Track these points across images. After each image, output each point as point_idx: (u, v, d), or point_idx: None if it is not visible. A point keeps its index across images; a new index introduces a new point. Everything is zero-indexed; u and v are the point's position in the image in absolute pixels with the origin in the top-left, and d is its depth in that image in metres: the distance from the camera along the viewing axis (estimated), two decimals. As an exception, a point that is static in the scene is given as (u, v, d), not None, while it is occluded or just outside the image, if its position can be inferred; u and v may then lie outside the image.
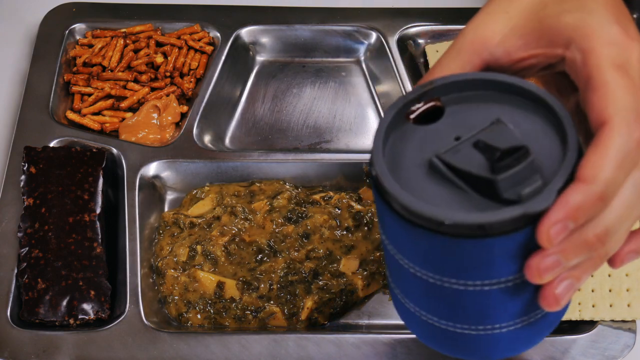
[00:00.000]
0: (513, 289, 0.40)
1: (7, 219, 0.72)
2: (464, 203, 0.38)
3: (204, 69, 0.84)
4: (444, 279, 0.40)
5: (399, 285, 0.45)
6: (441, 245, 0.38)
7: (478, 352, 0.45)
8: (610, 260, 0.42)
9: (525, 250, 0.38)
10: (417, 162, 0.40)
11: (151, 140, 0.79)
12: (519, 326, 0.43)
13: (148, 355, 0.66)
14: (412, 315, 0.45)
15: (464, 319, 0.43)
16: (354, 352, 0.66)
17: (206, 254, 0.72)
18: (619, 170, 0.37)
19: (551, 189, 0.37)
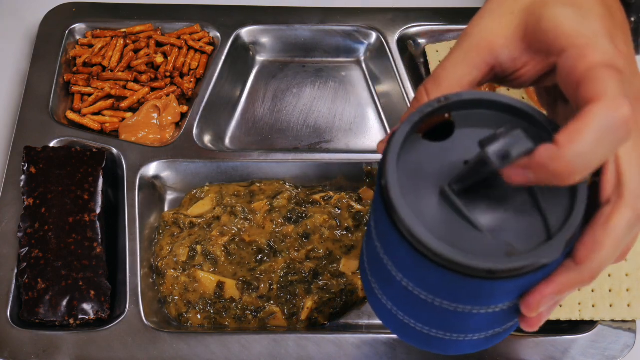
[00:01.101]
0: (496, 313, 0.41)
1: (7, 219, 0.72)
2: (474, 240, 0.38)
3: (204, 69, 0.84)
4: (436, 299, 0.41)
5: (380, 284, 0.45)
6: (442, 277, 0.38)
7: (443, 350, 0.47)
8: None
9: (524, 289, 0.39)
10: (427, 184, 0.40)
11: (151, 140, 0.79)
12: (488, 335, 0.45)
13: (148, 355, 0.66)
14: (387, 310, 0.46)
15: (441, 327, 0.44)
16: (354, 352, 0.66)
17: (206, 254, 0.72)
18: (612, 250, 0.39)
19: (559, 241, 0.38)
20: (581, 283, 0.40)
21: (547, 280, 0.39)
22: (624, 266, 0.68)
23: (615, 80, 0.37)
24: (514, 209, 0.39)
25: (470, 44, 0.43)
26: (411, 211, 0.38)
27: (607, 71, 0.38)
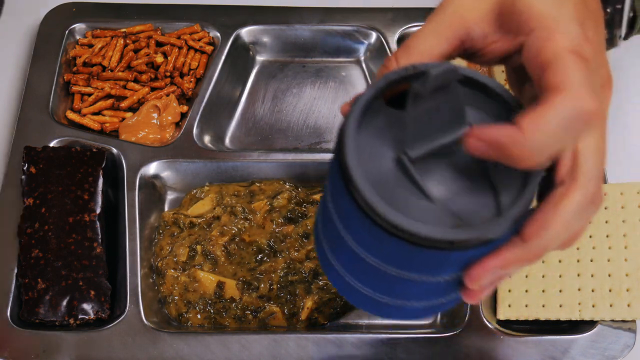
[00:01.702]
0: (440, 283, 0.42)
1: (7, 219, 0.72)
2: (424, 210, 0.39)
3: (204, 69, 0.84)
4: (382, 265, 0.41)
5: (331, 246, 0.46)
6: (389, 242, 0.39)
7: (387, 314, 0.48)
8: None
9: (468, 261, 0.40)
10: (385, 150, 0.40)
11: (151, 140, 0.79)
12: (432, 304, 0.46)
13: (148, 355, 0.66)
14: (335, 271, 0.46)
15: (385, 292, 0.45)
16: (354, 352, 0.66)
17: (206, 254, 0.72)
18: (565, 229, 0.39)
19: (507, 219, 0.38)
20: (526, 260, 0.40)
21: (492, 254, 0.39)
22: (624, 266, 0.68)
23: (581, 69, 0.38)
24: (468, 183, 0.40)
25: (444, 18, 0.43)
26: (364, 175, 0.38)
27: (573, 58, 0.38)
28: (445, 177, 0.40)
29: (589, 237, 0.70)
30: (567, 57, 0.38)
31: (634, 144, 0.80)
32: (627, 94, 0.83)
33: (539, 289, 0.69)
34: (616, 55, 0.85)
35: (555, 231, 0.39)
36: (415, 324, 0.71)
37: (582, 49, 0.39)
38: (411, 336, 0.68)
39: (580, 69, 0.38)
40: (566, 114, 0.37)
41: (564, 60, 0.38)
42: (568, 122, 0.37)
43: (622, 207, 0.71)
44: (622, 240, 0.70)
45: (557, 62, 0.38)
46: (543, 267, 0.70)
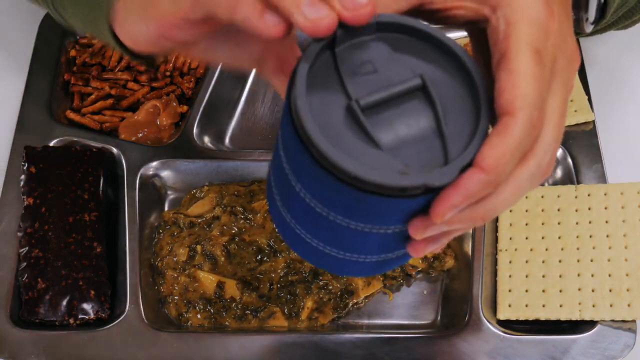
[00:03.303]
0: (387, 235, 0.43)
1: (7, 219, 0.72)
2: (372, 157, 0.39)
3: (204, 68, 0.84)
4: (330, 213, 0.42)
5: (282, 196, 0.46)
6: (334, 187, 0.39)
7: (336, 269, 0.48)
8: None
9: (414, 211, 0.40)
10: (337, 98, 0.40)
11: (151, 140, 0.79)
12: (378, 260, 0.46)
13: (148, 355, 0.66)
14: (287, 224, 0.47)
15: (335, 244, 0.45)
16: (354, 352, 0.66)
17: (206, 254, 0.72)
18: (513, 161, 0.40)
19: (454, 166, 0.39)
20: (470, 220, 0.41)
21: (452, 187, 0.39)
22: (624, 266, 0.68)
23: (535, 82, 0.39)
24: (417, 132, 0.40)
25: None
26: (313, 119, 0.38)
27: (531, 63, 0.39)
28: (394, 126, 0.40)
29: (589, 237, 0.70)
30: (525, 63, 0.39)
31: (634, 144, 0.80)
32: (627, 94, 0.83)
33: (539, 289, 0.69)
34: (616, 56, 0.85)
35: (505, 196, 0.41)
36: (416, 324, 0.71)
37: (542, 45, 0.40)
38: (411, 336, 0.68)
39: (536, 80, 0.39)
40: (520, 142, 0.39)
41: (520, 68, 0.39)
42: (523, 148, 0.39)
43: (622, 207, 0.71)
44: (622, 240, 0.70)
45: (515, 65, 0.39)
46: (543, 267, 0.70)
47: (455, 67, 0.42)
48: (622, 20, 0.70)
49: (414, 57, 0.42)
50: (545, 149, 0.41)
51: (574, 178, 0.74)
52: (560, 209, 0.72)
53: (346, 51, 0.41)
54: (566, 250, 0.70)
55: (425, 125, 0.40)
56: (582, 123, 0.77)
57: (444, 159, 0.39)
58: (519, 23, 0.40)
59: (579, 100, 0.77)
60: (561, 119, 0.42)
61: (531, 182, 0.41)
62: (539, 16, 0.41)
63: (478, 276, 0.70)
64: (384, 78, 0.40)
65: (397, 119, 0.40)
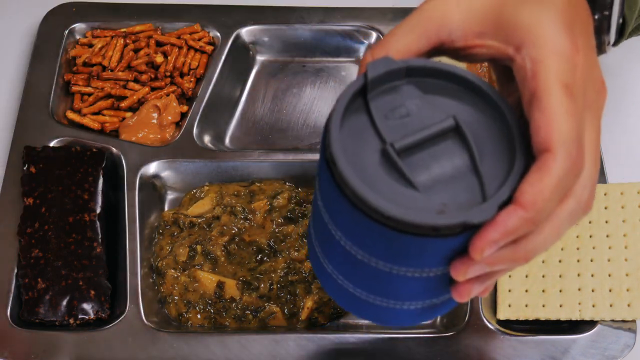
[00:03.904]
0: (430, 279, 0.42)
1: (7, 218, 0.72)
2: (409, 198, 0.39)
3: (204, 68, 0.84)
4: (372, 258, 0.42)
5: (322, 246, 0.46)
6: (379, 233, 0.39)
7: (382, 319, 0.48)
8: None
9: (455, 251, 0.40)
10: (371, 143, 0.41)
11: (151, 140, 0.79)
12: (423, 306, 0.46)
13: (148, 355, 0.66)
14: (328, 275, 0.47)
15: (377, 292, 0.45)
16: (354, 352, 0.66)
17: (206, 254, 0.72)
18: (554, 199, 0.39)
19: (492, 203, 0.38)
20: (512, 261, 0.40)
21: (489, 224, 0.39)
22: (624, 266, 0.68)
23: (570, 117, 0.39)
24: (453, 172, 0.40)
25: (424, 16, 0.43)
26: (350, 165, 0.39)
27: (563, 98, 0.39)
28: (430, 167, 0.40)
29: (589, 237, 0.70)
30: (557, 99, 0.39)
31: (634, 144, 0.80)
32: (627, 94, 0.83)
33: (539, 289, 0.69)
34: (616, 56, 0.85)
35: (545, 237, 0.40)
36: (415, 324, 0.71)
37: (572, 79, 0.40)
38: (411, 336, 0.68)
39: (570, 115, 0.39)
40: (561, 179, 0.38)
41: (553, 104, 0.39)
42: (564, 185, 0.39)
43: (622, 207, 0.71)
44: (622, 240, 0.70)
45: (547, 102, 0.39)
46: (543, 267, 0.70)
47: (487, 107, 0.42)
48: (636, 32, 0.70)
49: (445, 98, 0.42)
50: (584, 185, 0.41)
51: (574, 178, 0.74)
52: (560, 209, 0.72)
53: (378, 97, 0.42)
54: (566, 250, 0.70)
55: (461, 164, 0.40)
56: (582, 123, 0.77)
57: (482, 197, 0.39)
58: (545, 60, 0.40)
59: (579, 100, 0.78)
60: (597, 152, 0.42)
61: (571, 219, 0.41)
62: (565, 51, 0.40)
63: (478, 276, 0.69)
64: (417, 121, 0.41)
65: (432, 160, 0.40)
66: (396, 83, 0.42)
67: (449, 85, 0.42)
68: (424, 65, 0.42)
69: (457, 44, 0.43)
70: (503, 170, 0.40)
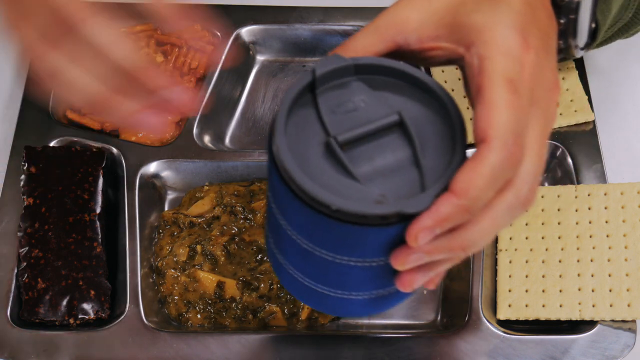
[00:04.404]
0: (374, 269, 0.43)
1: (7, 218, 0.72)
2: (350, 188, 0.40)
3: (204, 68, 0.84)
4: (316, 248, 0.43)
5: (274, 237, 0.48)
6: (319, 222, 0.40)
7: (333, 309, 0.50)
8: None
9: (394, 241, 0.41)
10: (316, 137, 0.42)
11: (151, 140, 0.79)
12: (370, 297, 0.47)
13: (148, 355, 0.66)
14: (281, 266, 0.48)
15: (325, 282, 0.46)
16: (354, 351, 0.66)
17: (206, 254, 0.72)
18: (490, 188, 0.40)
19: (429, 194, 0.39)
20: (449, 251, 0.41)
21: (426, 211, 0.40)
22: (624, 266, 0.68)
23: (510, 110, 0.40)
24: (395, 165, 0.41)
25: (383, 21, 0.45)
26: (291, 156, 0.40)
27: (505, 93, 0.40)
28: (372, 159, 0.41)
29: (589, 237, 0.70)
30: (499, 93, 0.40)
31: (634, 144, 0.80)
32: (627, 94, 0.83)
33: (539, 289, 0.69)
34: (616, 56, 0.85)
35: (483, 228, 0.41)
36: (416, 324, 0.71)
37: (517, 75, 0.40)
38: (411, 336, 0.68)
39: (511, 108, 0.40)
40: (495, 169, 0.39)
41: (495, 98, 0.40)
42: (499, 175, 0.39)
43: (622, 207, 0.71)
44: (622, 240, 0.70)
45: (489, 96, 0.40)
46: (543, 267, 0.70)
47: (433, 103, 0.43)
48: (620, 35, 0.70)
49: (393, 94, 0.43)
50: (524, 179, 0.41)
51: (574, 178, 0.74)
52: (560, 209, 0.72)
53: (326, 92, 0.43)
54: (566, 250, 0.70)
55: (403, 158, 0.41)
56: (582, 123, 0.77)
57: (421, 189, 0.40)
58: (492, 57, 0.41)
59: (579, 100, 0.78)
60: (542, 149, 0.42)
61: (510, 213, 0.41)
62: (512, 48, 0.41)
63: (478, 276, 0.70)
64: (363, 115, 0.42)
65: (375, 153, 0.41)
66: (345, 80, 0.43)
67: (397, 82, 0.43)
68: (372, 62, 0.43)
69: (413, 47, 0.45)
70: (444, 164, 0.41)
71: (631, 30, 0.70)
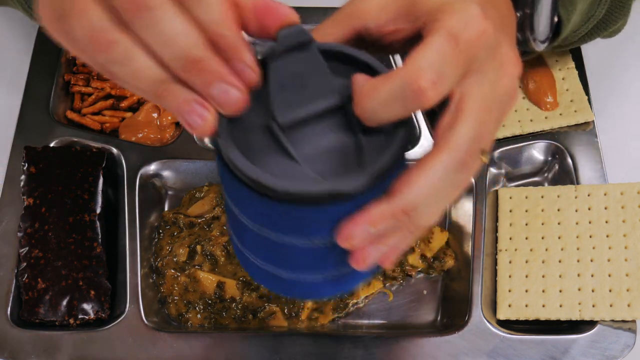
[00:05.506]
0: (321, 249, 0.43)
1: (7, 219, 0.72)
2: (288, 168, 0.41)
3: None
4: (263, 229, 0.43)
5: (228, 220, 0.48)
6: (258, 201, 0.40)
7: (286, 290, 0.50)
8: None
9: (337, 218, 0.41)
10: (258, 122, 0.42)
11: (151, 140, 0.79)
12: (325, 278, 0.47)
13: (148, 355, 0.66)
14: (237, 248, 0.49)
15: (278, 263, 0.46)
16: (354, 352, 0.66)
17: (206, 254, 0.72)
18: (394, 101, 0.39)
19: (364, 174, 0.39)
20: (391, 216, 0.41)
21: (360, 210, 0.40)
22: (624, 266, 0.68)
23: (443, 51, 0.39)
24: (337, 145, 0.41)
25: (343, 12, 0.46)
26: (232, 140, 0.40)
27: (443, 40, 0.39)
28: (313, 141, 0.41)
29: (589, 237, 0.70)
30: (436, 38, 0.39)
31: (634, 144, 0.80)
32: (627, 94, 0.83)
33: (539, 289, 0.69)
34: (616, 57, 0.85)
35: (422, 189, 0.40)
36: (416, 324, 0.71)
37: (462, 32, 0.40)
38: (411, 336, 0.68)
39: (441, 50, 0.39)
40: (396, 87, 0.39)
41: (430, 41, 0.39)
42: (398, 94, 0.39)
43: (622, 207, 0.71)
44: (622, 240, 0.70)
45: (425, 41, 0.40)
46: (543, 267, 0.70)
47: None
48: (597, 32, 0.70)
49: (342, 78, 0.43)
50: (459, 141, 0.40)
51: (574, 178, 0.74)
52: (560, 209, 0.72)
53: (281, 65, 0.43)
54: (566, 250, 0.70)
55: (345, 140, 0.41)
56: (582, 123, 0.77)
57: (359, 169, 0.40)
58: (442, 20, 0.41)
59: (579, 100, 0.78)
60: (484, 115, 0.41)
61: (448, 177, 0.41)
62: (467, 14, 0.41)
63: (478, 276, 0.70)
64: (310, 95, 0.42)
65: (317, 135, 0.41)
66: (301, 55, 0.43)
67: (349, 67, 0.43)
68: (327, 47, 0.43)
69: (374, 33, 0.45)
70: (384, 145, 0.41)
71: (609, 27, 0.69)
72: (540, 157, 0.77)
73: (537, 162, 0.77)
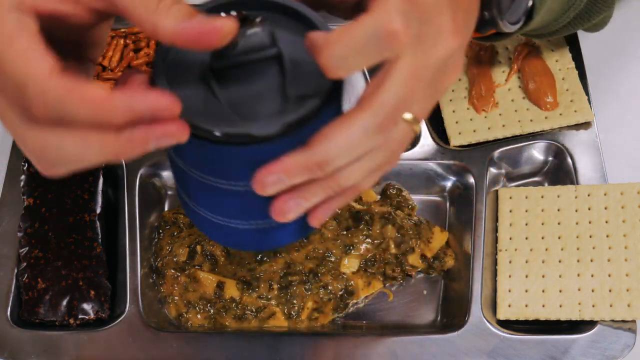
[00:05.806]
0: (244, 194, 0.44)
1: (7, 219, 0.72)
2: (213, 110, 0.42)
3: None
4: (191, 168, 0.44)
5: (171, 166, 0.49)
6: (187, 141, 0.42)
7: (222, 239, 0.51)
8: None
9: (254, 164, 0.42)
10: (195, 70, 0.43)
11: (151, 140, 0.79)
12: (257, 227, 0.47)
13: (148, 355, 0.66)
14: (180, 197, 0.50)
15: (209, 208, 0.47)
16: (353, 352, 0.66)
17: (206, 254, 0.72)
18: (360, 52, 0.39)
19: (278, 120, 0.41)
20: (307, 169, 0.41)
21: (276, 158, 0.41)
22: (624, 266, 0.68)
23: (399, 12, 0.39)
24: (264, 91, 0.42)
25: None
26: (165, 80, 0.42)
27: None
28: (243, 86, 0.42)
29: (589, 237, 0.70)
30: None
31: (634, 144, 0.80)
32: (627, 94, 0.83)
33: (539, 289, 0.69)
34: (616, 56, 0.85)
35: (338, 145, 0.40)
36: (416, 324, 0.71)
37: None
38: (411, 337, 0.68)
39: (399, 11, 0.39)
40: (370, 30, 0.39)
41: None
42: (370, 39, 0.39)
43: (622, 207, 0.71)
44: (622, 240, 0.70)
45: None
46: (543, 267, 0.70)
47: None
48: (580, 22, 0.69)
49: (281, 29, 0.44)
50: (383, 104, 0.41)
51: (574, 178, 0.74)
52: (560, 209, 0.72)
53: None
54: (566, 250, 0.70)
55: (273, 88, 0.42)
56: (582, 123, 0.77)
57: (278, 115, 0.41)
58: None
59: (579, 100, 0.77)
60: (412, 82, 0.41)
61: (367, 137, 0.41)
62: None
63: (478, 276, 0.70)
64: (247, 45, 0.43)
65: (248, 81, 0.43)
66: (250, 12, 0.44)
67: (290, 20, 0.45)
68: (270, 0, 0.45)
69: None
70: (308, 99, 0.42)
71: (593, 18, 0.69)
72: (540, 157, 0.77)
73: (537, 162, 0.77)
